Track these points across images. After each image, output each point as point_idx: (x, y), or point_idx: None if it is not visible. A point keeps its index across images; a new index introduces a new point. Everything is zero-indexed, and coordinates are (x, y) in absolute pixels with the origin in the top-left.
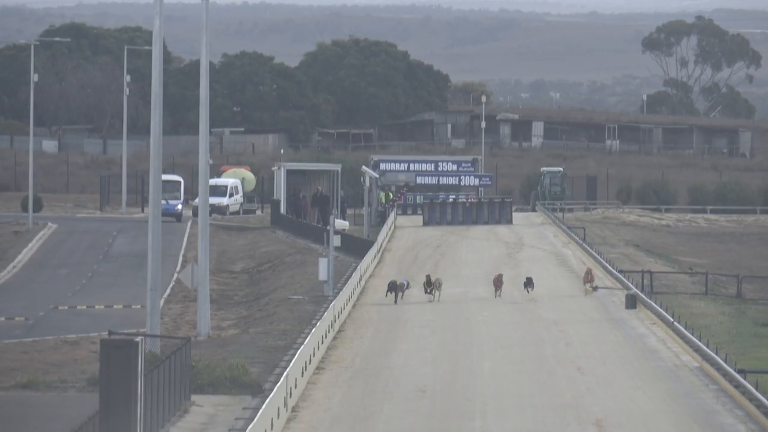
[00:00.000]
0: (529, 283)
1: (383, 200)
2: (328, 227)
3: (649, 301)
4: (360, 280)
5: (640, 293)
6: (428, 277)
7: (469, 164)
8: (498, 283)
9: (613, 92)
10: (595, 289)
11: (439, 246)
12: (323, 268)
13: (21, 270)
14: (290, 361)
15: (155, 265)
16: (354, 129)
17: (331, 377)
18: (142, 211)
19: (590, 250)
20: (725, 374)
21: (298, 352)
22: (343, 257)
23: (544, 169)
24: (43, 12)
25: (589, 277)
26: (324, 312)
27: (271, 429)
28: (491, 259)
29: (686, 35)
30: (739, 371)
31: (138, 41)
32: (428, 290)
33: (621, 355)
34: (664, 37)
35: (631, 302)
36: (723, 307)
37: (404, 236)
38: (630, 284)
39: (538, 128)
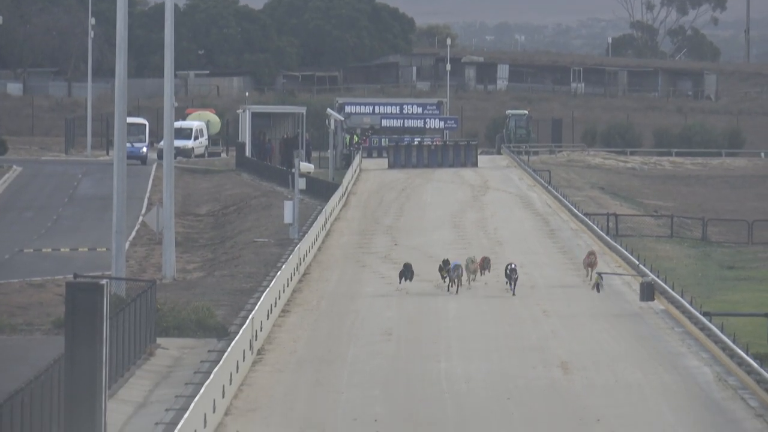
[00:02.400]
0: (512, 273)
1: (348, 143)
2: (293, 170)
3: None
4: (325, 223)
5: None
6: (447, 261)
7: (434, 107)
8: (483, 266)
9: (578, 35)
10: (599, 280)
11: (405, 189)
12: (288, 211)
13: None
14: (256, 303)
15: (120, 208)
16: (319, 72)
17: (296, 320)
18: (107, 153)
19: (555, 192)
20: (691, 317)
21: (264, 294)
22: (308, 200)
23: (510, 112)
24: None
25: (590, 260)
26: (289, 255)
27: (237, 371)
28: (456, 202)
29: None
30: (705, 314)
31: None
32: (444, 276)
33: (586, 298)
34: None
35: (648, 292)
36: (688, 250)
37: (369, 179)
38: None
39: (503, 71)
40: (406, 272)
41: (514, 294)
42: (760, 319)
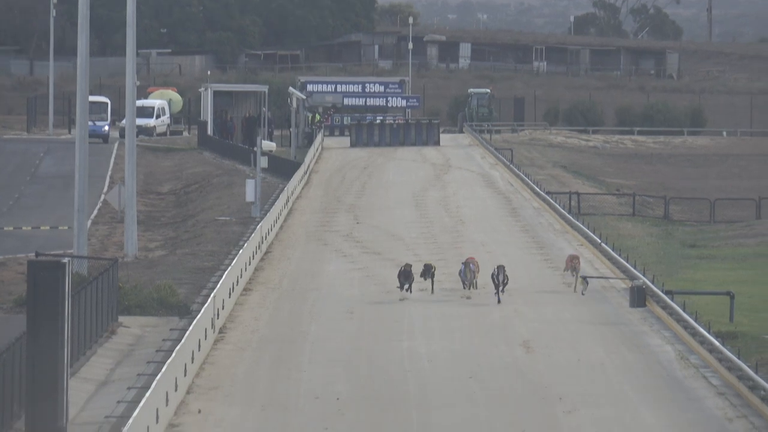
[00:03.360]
0: (499, 272)
1: (310, 122)
2: (255, 148)
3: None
4: (287, 201)
5: (649, 282)
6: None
7: (397, 86)
8: (473, 270)
9: (541, 14)
10: (585, 282)
11: (367, 167)
12: (250, 190)
13: None
14: (217, 282)
15: (82, 186)
16: (281, 50)
17: (258, 298)
18: (69, 132)
19: (518, 171)
20: (653, 295)
21: (226, 273)
22: (270, 178)
23: (472, 90)
24: None
25: (573, 264)
26: (251, 233)
27: (199, 350)
28: (419, 181)
29: None
30: (667, 292)
31: None
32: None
33: (548, 276)
34: None
35: (639, 297)
36: (650, 228)
37: (331, 157)
38: (634, 269)
39: (465, 50)
40: (407, 277)
41: (499, 301)
42: (722, 298)
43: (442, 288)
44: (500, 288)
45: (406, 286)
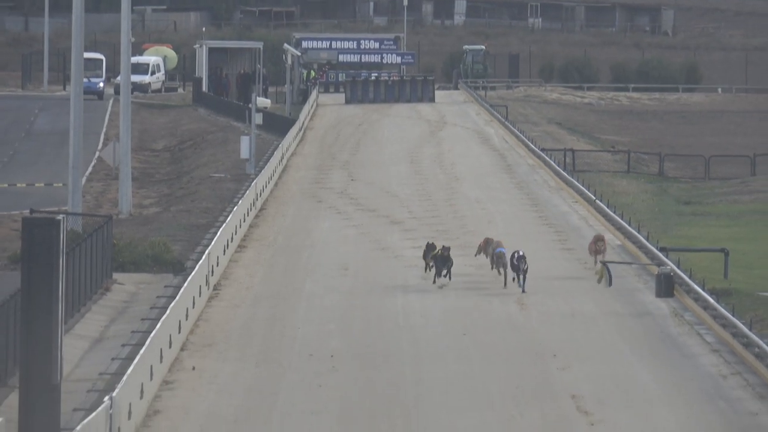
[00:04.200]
0: (520, 262)
1: (305, 78)
2: (249, 105)
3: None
4: (282, 158)
5: (677, 268)
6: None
7: (392, 42)
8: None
9: None
10: (605, 272)
11: (362, 124)
12: (245, 146)
13: None
14: (212, 239)
15: (77, 143)
16: (276, 7)
17: (252, 255)
18: (64, 89)
19: (512, 128)
20: (647, 252)
21: (220, 230)
22: (265, 135)
23: (467, 47)
24: None
25: (598, 247)
26: (246, 190)
27: (193, 307)
28: (413, 137)
29: None
30: (661, 249)
31: None
32: (430, 265)
33: (542, 233)
34: None
35: (666, 286)
36: (645, 185)
37: (326, 114)
38: (662, 255)
39: (460, 6)
40: (444, 261)
41: (524, 291)
42: (716, 255)
43: (443, 242)
44: (522, 277)
45: (444, 272)
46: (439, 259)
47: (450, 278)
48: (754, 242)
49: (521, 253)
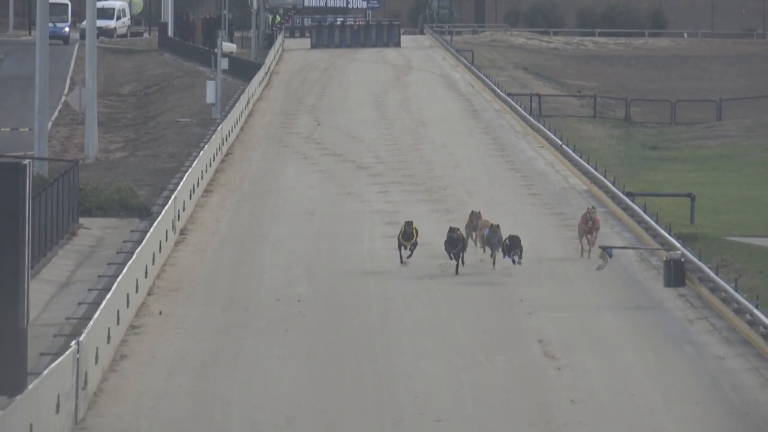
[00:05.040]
0: (514, 245)
1: (271, 23)
2: (215, 50)
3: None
4: (248, 103)
5: (688, 253)
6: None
7: None
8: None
9: None
10: (606, 256)
11: (327, 69)
12: (211, 91)
13: None
14: (178, 183)
15: (42, 88)
16: None
17: (219, 200)
18: (30, 33)
19: (479, 73)
20: (614, 197)
21: (186, 174)
22: (231, 80)
23: None
24: None
25: (588, 227)
26: (212, 135)
27: (160, 251)
28: (379, 82)
29: None
30: (628, 194)
31: None
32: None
33: (508, 177)
34: None
35: (676, 274)
36: (611, 130)
37: (292, 59)
38: (672, 238)
39: None
40: (453, 244)
41: (517, 263)
42: (682, 199)
43: (404, 190)
44: (516, 256)
45: (459, 255)
46: (448, 242)
47: (463, 263)
48: (720, 187)
49: (514, 237)
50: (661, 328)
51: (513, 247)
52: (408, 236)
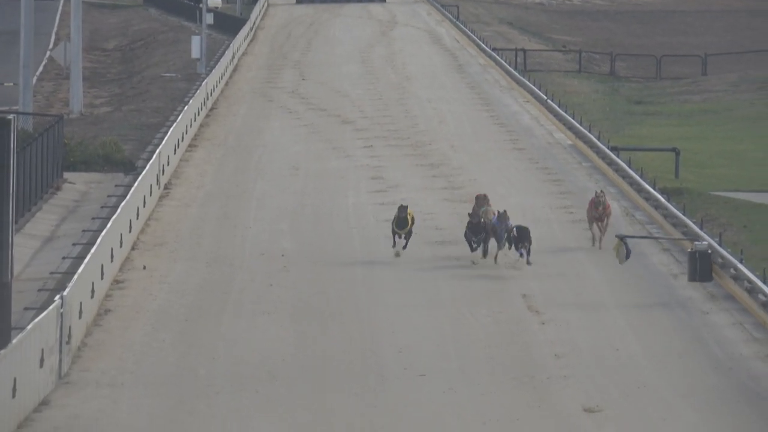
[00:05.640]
0: (522, 237)
1: None
2: (200, 5)
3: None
4: (233, 58)
5: (715, 243)
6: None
7: None
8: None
9: None
10: (623, 246)
11: (312, 24)
12: (196, 46)
13: None
14: (163, 138)
15: (27, 43)
16: None
17: (203, 155)
18: None
19: (464, 28)
20: (598, 152)
21: (171, 129)
22: (216, 35)
23: None
24: None
25: (599, 213)
26: (196, 89)
27: (144, 206)
28: (364, 37)
29: None
30: (612, 148)
31: None
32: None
33: (494, 132)
34: None
35: (703, 267)
36: (596, 85)
37: (277, 14)
38: (697, 227)
39: None
40: (476, 231)
41: (529, 263)
42: (667, 154)
43: (389, 145)
44: (524, 250)
45: (476, 245)
46: (469, 230)
47: (485, 255)
48: (704, 141)
49: (521, 229)
50: (644, 282)
51: (521, 239)
52: (402, 223)
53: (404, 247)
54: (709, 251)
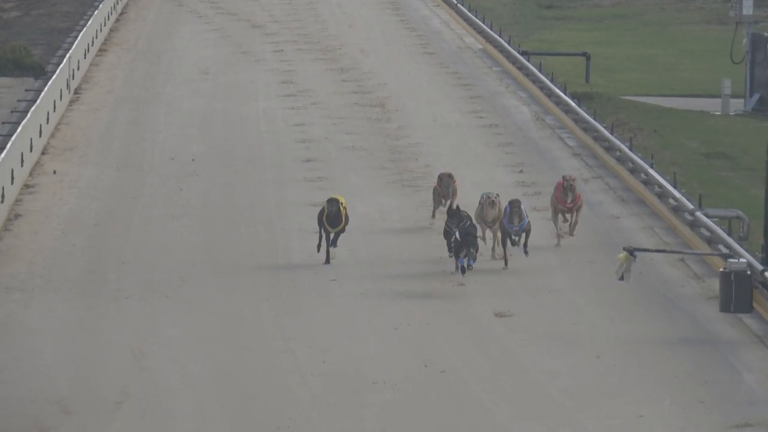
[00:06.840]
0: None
1: None
2: None
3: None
4: None
5: (753, 259)
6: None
7: None
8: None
9: None
10: (626, 265)
11: None
12: None
13: None
14: (73, 43)
15: None
16: None
17: (113, 59)
18: None
19: None
20: (509, 56)
21: (81, 33)
22: None
23: None
24: None
25: (568, 205)
26: None
27: (54, 110)
28: None
29: None
30: (523, 53)
31: None
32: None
33: (404, 36)
34: None
35: (740, 293)
36: None
37: None
38: (727, 237)
39: None
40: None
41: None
42: (578, 59)
43: (299, 49)
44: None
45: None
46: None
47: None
48: (615, 46)
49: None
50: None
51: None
52: (335, 220)
53: (335, 246)
54: (748, 272)
